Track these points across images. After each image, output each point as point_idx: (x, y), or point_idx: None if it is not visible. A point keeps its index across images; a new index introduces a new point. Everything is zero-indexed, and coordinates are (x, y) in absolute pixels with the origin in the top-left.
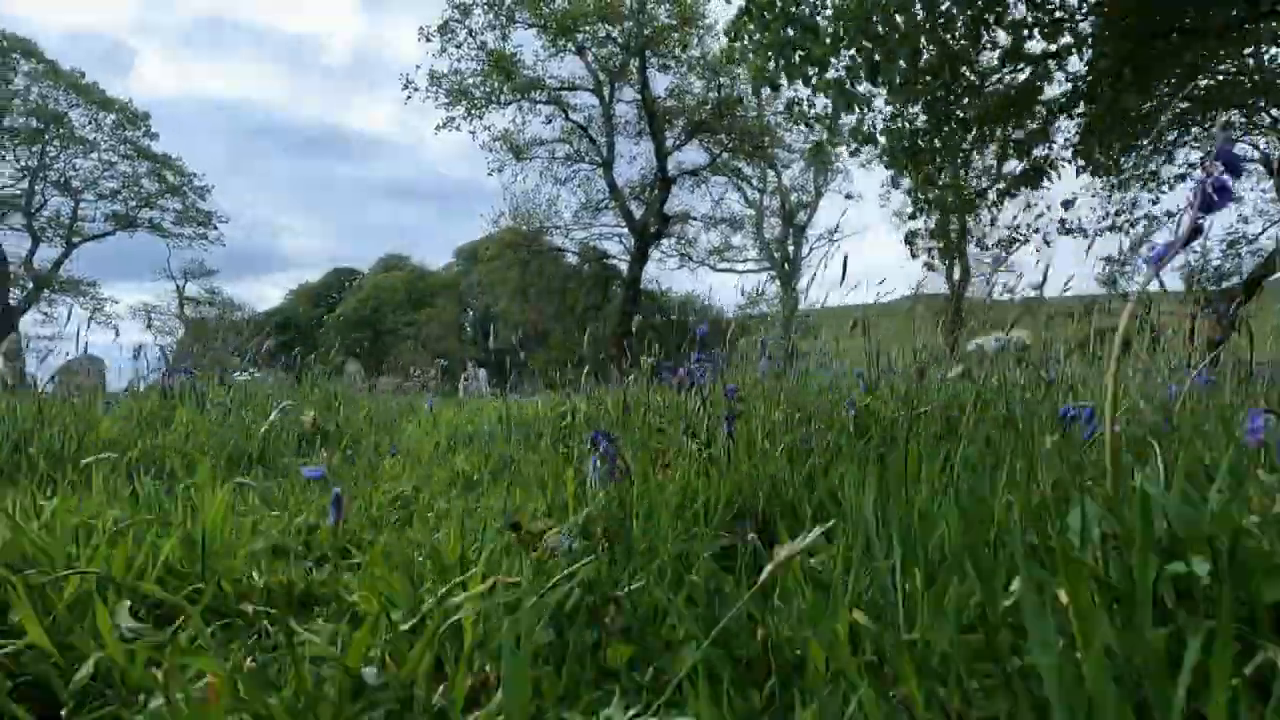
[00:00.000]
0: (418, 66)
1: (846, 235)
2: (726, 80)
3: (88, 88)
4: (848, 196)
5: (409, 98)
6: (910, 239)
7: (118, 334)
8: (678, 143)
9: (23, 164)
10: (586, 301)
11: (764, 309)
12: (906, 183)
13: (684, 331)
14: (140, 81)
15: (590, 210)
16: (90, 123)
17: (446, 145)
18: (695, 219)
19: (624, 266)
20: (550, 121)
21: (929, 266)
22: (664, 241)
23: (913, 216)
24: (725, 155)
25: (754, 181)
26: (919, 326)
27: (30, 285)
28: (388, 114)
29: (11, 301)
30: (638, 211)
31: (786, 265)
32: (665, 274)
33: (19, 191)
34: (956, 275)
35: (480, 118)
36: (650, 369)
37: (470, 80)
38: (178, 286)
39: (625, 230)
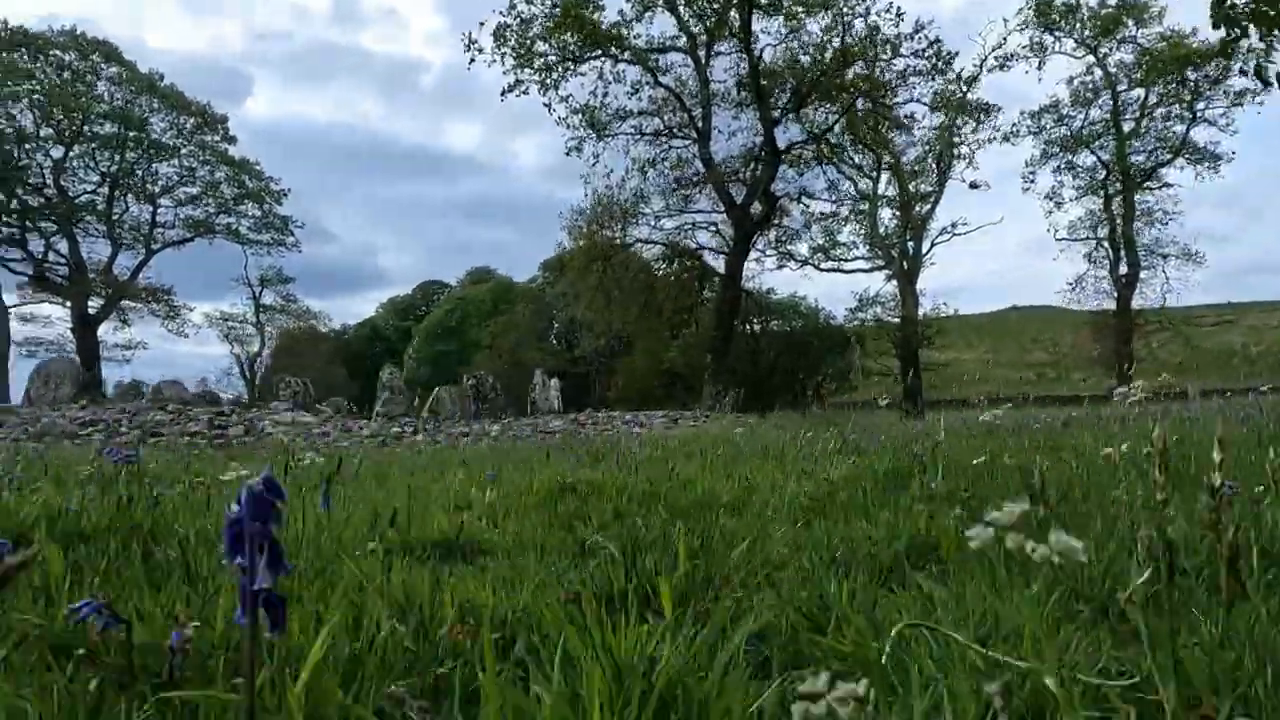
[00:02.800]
0: (482, 24)
1: (976, 228)
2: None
3: (167, 91)
4: (973, 186)
5: (472, 60)
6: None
7: None
8: (786, 111)
9: (104, 170)
10: (676, 304)
11: (878, 313)
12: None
13: (798, 347)
14: (255, 106)
15: (681, 195)
16: (171, 128)
17: (535, 163)
18: (811, 196)
19: (719, 263)
20: (636, 92)
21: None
22: (765, 235)
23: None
24: (839, 131)
25: (866, 168)
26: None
27: (109, 293)
28: (478, 134)
29: (90, 309)
30: (738, 195)
31: (905, 263)
32: (763, 276)
33: (99, 198)
34: (1123, 270)
35: (556, 87)
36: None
37: (539, 31)
38: (254, 294)
39: (721, 218)
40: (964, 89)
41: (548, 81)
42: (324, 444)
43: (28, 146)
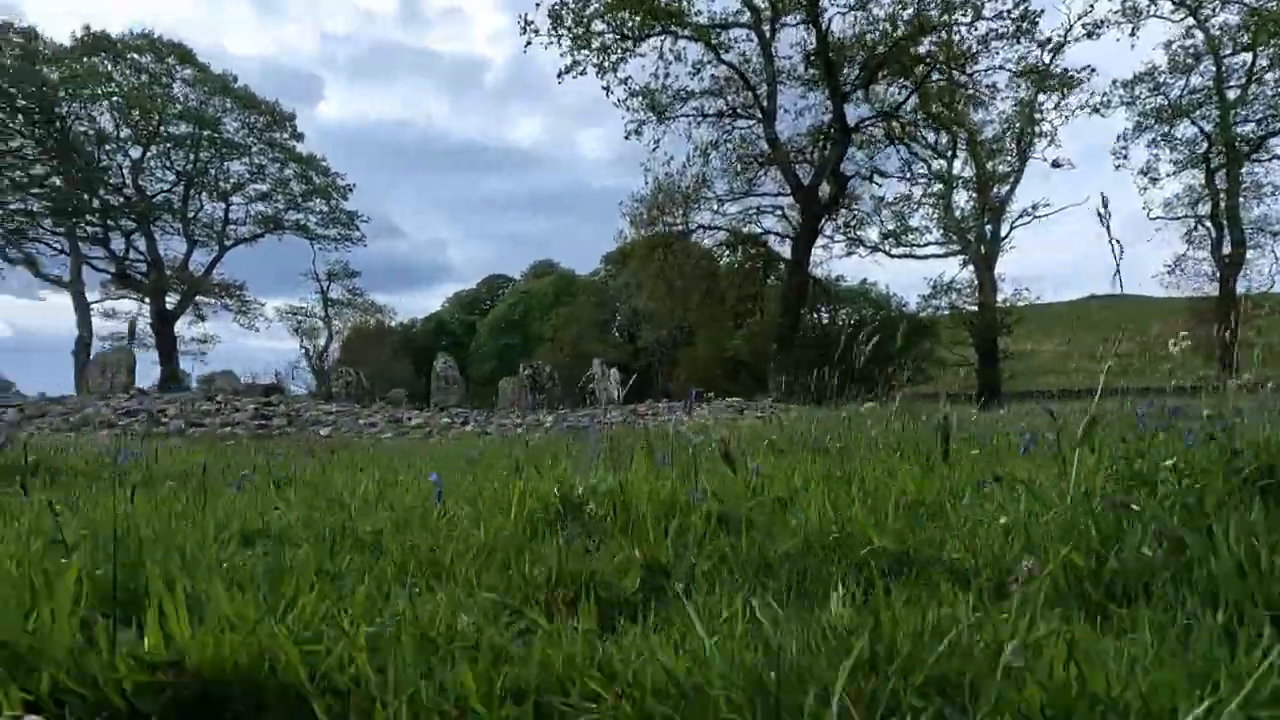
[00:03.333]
0: (538, 4)
1: (1058, 209)
2: None
3: (239, 91)
4: (1055, 164)
5: (529, 43)
6: None
7: None
8: (855, 86)
9: (179, 169)
10: (740, 291)
11: (953, 301)
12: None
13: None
14: (327, 108)
15: (745, 179)
16: (242, 127)
17: (597, 154)
18: (883, 175)
19: (785, 249)
20: (698, 71)
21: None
22: (833, 219)
23: None
24: (911, 107)
25: (940, 148)
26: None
27: (184, 289)
28: (541, 127)
29: (168, 305)
30: (805, 177)
31: (982, 248)
32: (830, 263)
33: (175, 196)
34: (1226, 250)
35: (614, 68)
36: None
37: (596, 9)
38: (322, 289)
39: (788, 201)
40: (1049, 58)
41: (606, 63)
42: (367, 434)
43: (108, 148)
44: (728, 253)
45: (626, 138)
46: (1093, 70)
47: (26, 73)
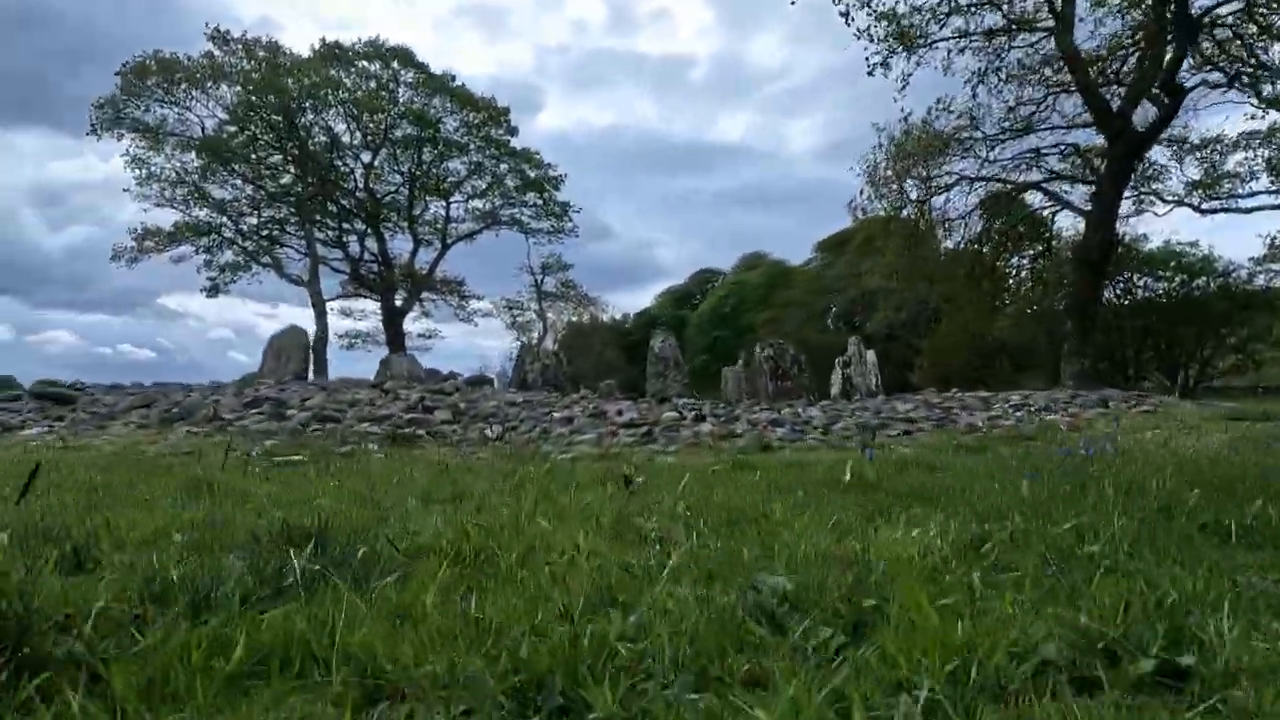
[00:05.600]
0: None
1: None
2: None
3: (457, 90)
4: None
5: None
6: None
7: None
8: None
9: (404, 170)
10: (1008, 257)
11: None
12: None
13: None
14: (546, 119)
15: (1018, 117)
16: (461, 125)
17: (806, 146)
18: (1247, 78)
19: (1069, 204)
20: None
21: None
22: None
23: None
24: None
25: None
26: None
27: (411, 286)
28: (748, 123)
29: (396, 303)
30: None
31: None
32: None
33: (401, 197)
34: None
35: None
36: None
37: None
38: (536, 281)
39: (1083, 139)
40: None
41: None
42: (557, 435)
43: (343, 155)
44: (992, 213)
45: (870, 73)
46: None
47: (272, 85)
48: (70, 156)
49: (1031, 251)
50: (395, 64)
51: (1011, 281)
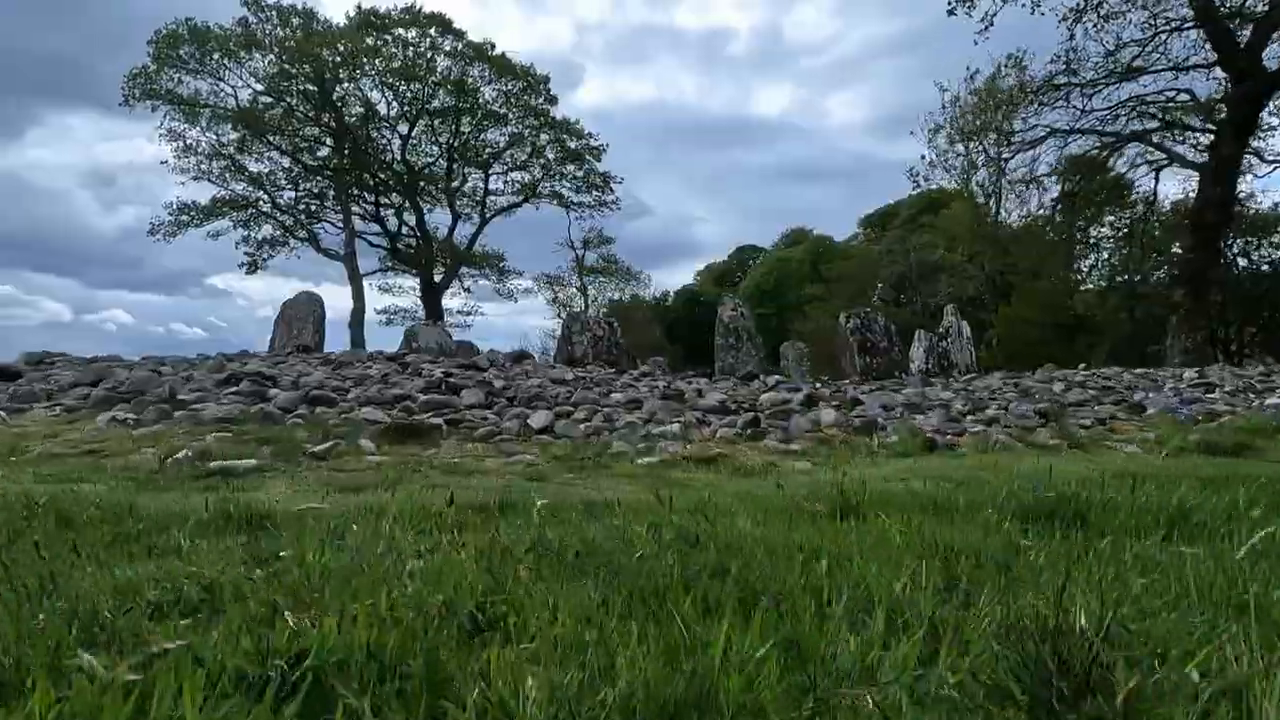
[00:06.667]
0: None
1: None
2: None
3: (495, 57)
4: None
5: None
6: None
7: None
8: None
9: (442, 142)
10: (1090, 221)
11: None
12: None
13: None
14: (585, 95)
15: (1114, 61)
16: (499, 95)
17: (848, 120)
18: None
19: (1178, 159)
20: None
21: None
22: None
23: None
24: None
25: None
26: None
27: (448, 261)
28: (788, 97)
29: (435, 278)
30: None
31: None
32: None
33: (439, 169)
34: None
35: None
36: None
37: None
38: (578, 256)
39: (1195, 79)
40: None
41: None
42: (630, 425)
43: (379, 126)
44: (1085, 172)
45: (950, 13)
46: None
47: (306, 52)
48: (120, 138)
49: (1114, 217)
50: (433, 31)
51: (1094, 251)
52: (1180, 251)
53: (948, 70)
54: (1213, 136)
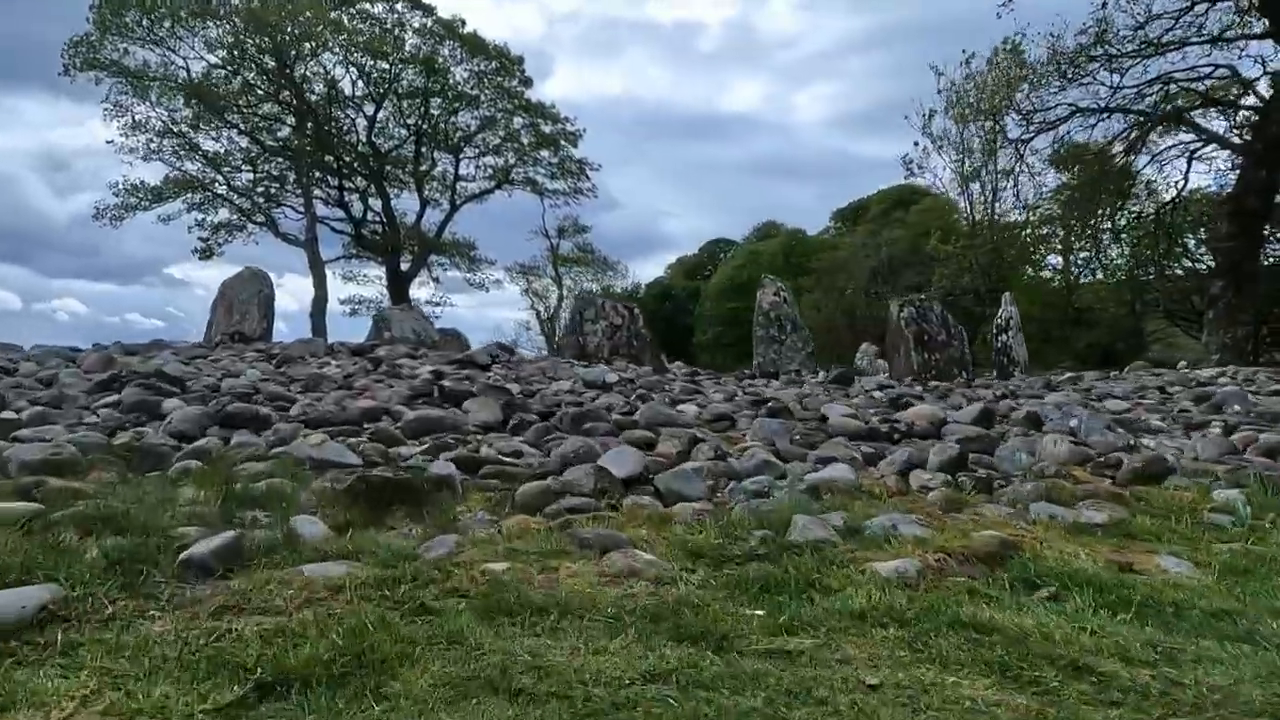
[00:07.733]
0: None
1: None
2: None
3: (466, 35)
4: None
5: None
6: None
7: None
8: None
9: (410, 124)
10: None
11: None
12: None
13: None
14: (554, 87)
15: (1147, 34)
16: (471, 75)
17: (817, 116)
18: None
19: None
20: None
21: None
22: None
23: None
24: None
25: None
26: None
27: (416, 249)
28: (759, 92)
29: (401, 266)
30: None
31: None
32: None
33: (407, 152)
34: None
35: None
36: None
37: None
38: (552, 246)
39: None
40: None
41: None
42: (764, 464)
43: (344, 105)
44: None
45: None
46: None
47: (263, 22)
48: (74, 123)
49: (1129, 212)
50: (400, 6)
51: (1114, 242)
52: (1206, 241)
53: (918, 65)
54: (1257, 116)
